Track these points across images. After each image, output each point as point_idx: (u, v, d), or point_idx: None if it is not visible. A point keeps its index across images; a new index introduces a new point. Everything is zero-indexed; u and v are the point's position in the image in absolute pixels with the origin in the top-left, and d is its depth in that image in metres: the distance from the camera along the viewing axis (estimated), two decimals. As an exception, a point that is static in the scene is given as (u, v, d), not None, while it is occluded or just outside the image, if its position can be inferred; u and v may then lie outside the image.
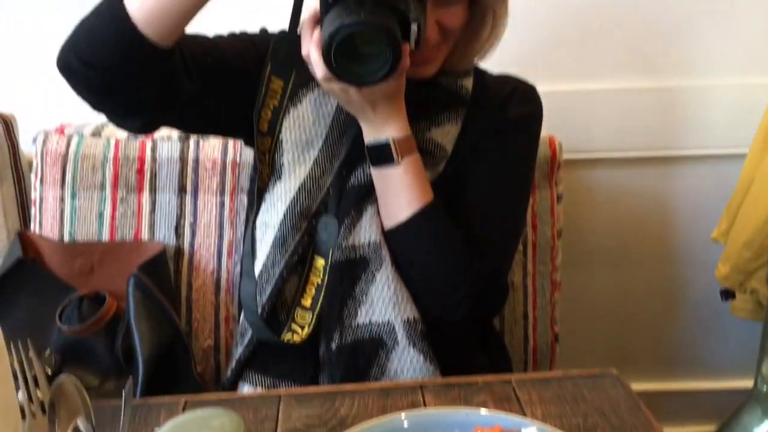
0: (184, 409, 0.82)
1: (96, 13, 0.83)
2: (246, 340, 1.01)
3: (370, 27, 0.75)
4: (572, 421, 0.79)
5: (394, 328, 0.95)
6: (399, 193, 0.94)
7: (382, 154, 0.92)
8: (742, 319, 1.43)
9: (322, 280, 0.96)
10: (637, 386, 0.86)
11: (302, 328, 0.97)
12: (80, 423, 0.49)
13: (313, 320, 0.96)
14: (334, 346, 0.95)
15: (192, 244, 1.28)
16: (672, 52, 1.51)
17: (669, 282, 1.67)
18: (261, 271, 0.97)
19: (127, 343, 1.14)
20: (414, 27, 0.81)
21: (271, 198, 0.99)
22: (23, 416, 0.54)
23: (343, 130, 0.99)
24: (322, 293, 0.96)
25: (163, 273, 1.25)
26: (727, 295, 1.37)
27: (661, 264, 1.65)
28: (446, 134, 1.00)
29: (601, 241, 1.62)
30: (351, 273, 0.95)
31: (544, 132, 1.23)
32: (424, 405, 0.82)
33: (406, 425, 0.75)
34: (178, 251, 1.28)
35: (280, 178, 0.98)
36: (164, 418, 0.79)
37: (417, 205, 0.94)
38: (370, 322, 0.95)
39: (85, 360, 1.18)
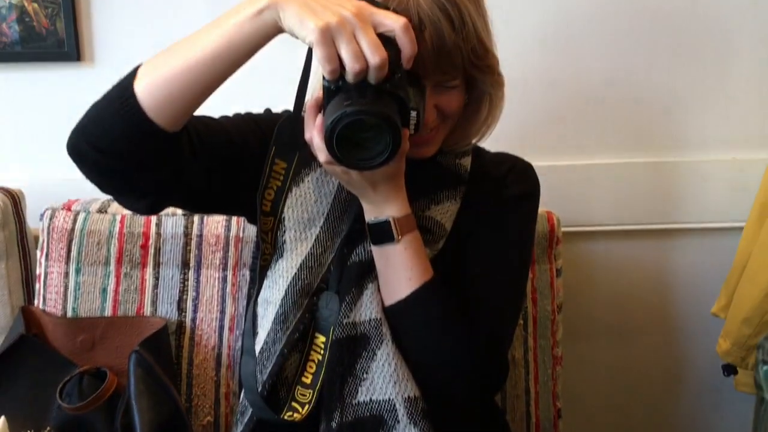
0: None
1: (106, 99, 0.85)
2: (246, 419, 1.00)
3: (371, 116, 0.78)
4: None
5: (395, 406, 0.94)
6: (399, 271, 0.95)
7: (383, 233, 0.94)
8: (746, 393, 1.42)
9: (323, 357, 0.96)
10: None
11: (303, 406, 0.97)
12: None
13: (314, 398, 0.96)
14: (334, 424, 0.95)
15: (194, 319, 1.28)
16: (666, 127, 1.55)
17: (671, 355, 1.66)
18: (262, 348, 0.98)
19: (127, 420, 1.13)
20: (413, 114, 0.84)
21: (273, 275, 1.00)
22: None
23: (345, 208, 1.01)
24: (323, 370, 0.96)
25: (165, 349, 1.25)
26: (729, 370, 1.36)
27: (663, 337, 1.65)
28: (445, 212, 1.02)
29: (601, 314, 1.62)
30: (352, 350, 0.95)
31: (543, 207, 1.24)
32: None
33: None
34: (180, 326, 1.28)
35: (282, 255, 1.00)
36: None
37: (417, 282, 0.95)
38: (370, 400, 0.95)
39: (83, 437, 1.17)
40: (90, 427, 1.16)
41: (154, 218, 1.30)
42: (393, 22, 0.79)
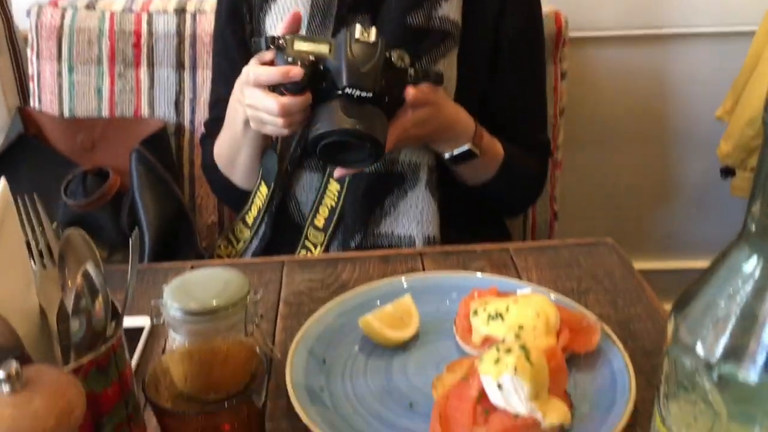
0: (190, 273, 0.84)
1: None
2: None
3: (346, 136, 0.80)
4: (566, 284, 0.81)
5: (414, 242, 0.98)
6: (483, 165, 0.99)
7: (466, 157, 0.96)
8: (741, 198, 1.44)
9: (336, 205, 0.98)
10: (634, 264, 0.88)
11: (315, 246, 1.00)
12: (89, 267, 0.51)
13: (325, 240, 0.99)
14: (353, 244, 0.98)
15: (192, 121, 1.27)
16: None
17: (669, 162, 1.67)
18: None
19: (133, 217, 1.15)
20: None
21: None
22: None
23: None
24: (335, 216, 0.98)
25: (165, 149, 1.25)
26: (727, 172, 1.38)
27: (663, 144, 1.65)
28: (452, 7, 0.98)
29: (604, 120, 1.61)
30: (385, 185, 0.98)
31: (550, 7, 1.20)
32: (423, 270, 0.85)
33: (405, 287, 0.78)
34: (179, 128, 1.28)
35: None
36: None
37: (496, 166, 1.00)
38: (391, 232, 0.99)
39: (91, 234, 1.19)
40: (97, 224, 1.18)
41: (144, 15, 1.25)
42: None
